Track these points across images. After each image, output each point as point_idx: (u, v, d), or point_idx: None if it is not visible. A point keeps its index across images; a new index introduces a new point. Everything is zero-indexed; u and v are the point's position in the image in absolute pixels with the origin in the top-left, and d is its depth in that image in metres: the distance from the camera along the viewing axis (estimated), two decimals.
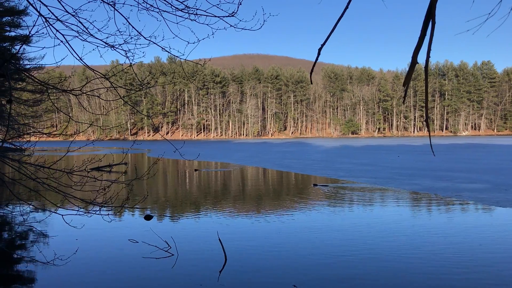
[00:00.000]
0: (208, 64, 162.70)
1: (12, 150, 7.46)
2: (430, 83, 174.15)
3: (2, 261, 10.39)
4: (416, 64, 3.31)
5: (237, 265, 9.59)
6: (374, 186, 22.42)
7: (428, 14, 3.09)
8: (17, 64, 18.33)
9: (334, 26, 3.29)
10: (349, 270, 9.17)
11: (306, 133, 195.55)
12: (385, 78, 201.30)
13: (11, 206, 18.61)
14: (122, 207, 7.24)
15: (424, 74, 3.34)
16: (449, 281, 8.37)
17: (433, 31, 3.10)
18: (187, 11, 6.18)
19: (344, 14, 3.25)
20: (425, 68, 3.25)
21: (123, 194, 13.28)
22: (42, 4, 5.56)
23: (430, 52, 3.15)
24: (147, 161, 49.07)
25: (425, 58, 3.38)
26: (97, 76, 6.57)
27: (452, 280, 8.43)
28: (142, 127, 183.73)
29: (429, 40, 3.13)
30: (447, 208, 16.15)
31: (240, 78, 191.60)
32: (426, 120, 3.47)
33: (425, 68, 3.25)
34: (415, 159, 41.67)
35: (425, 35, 3.16)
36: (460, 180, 23.60)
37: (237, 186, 24.49)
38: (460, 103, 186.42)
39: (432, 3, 3.04)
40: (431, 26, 3.12)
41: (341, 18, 3.24)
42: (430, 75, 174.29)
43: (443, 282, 8.36)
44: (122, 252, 10.85)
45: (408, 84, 3.44)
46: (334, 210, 16.34)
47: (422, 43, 3.19)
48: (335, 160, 42.59)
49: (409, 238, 11.82)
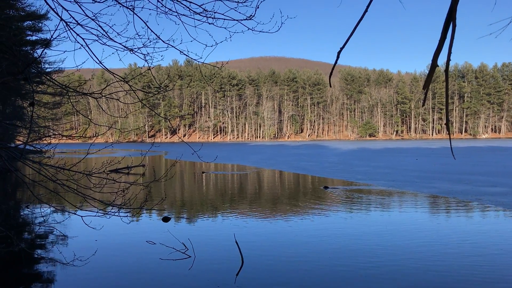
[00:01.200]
0: (225, 67, 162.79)
1: (33, 152, 7.60)
2: (449, 85, 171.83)
3: (23, 261, 10.56)
4: (437, 67, 3.28)
5: (254, 268, 9.58)
6: (391, 189, 22.20)
7: (448, 16, 3.06)
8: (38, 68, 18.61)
9: (353, 29, 3.28)
10: (368, 277, 9.09)
11: (323, 136, 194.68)
12: (403, 80, 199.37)
13: (31, 207, 18.92)
14: (141, 208, 7.30)
15: (445, 77, 3.31)
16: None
17: (453, 34, 3.07)
18: (205, 15, 6.21)
19: (363, 17, 3.23)
20: (446, 71, 3.21)
21: (141, 196, 13.39)
22: (63, 8, 5.65)
23: (450, 55, 3.11)
24: (164, 163, 49.40)
25: (445, 60, 3.34)
26: (117, 80, 6.65)
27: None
28: (160, 129, 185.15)
29: (449, 43, 3.10)
30: (467, 212, 15.90)
31: (257, 81, 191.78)
32: (447, 123, 3.43)
33: (446, 71, 3.22)
34: (433, 162, 41.15)
35: (445, 38, 3.12)
36: (480, 184, 23.22)
37: (253, 188, 24.49)
38: (480, 105, 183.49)
39: (452, 6, 3.01)
40: (452, 29, 3.09)
41: (360, 21, 3.22)
42: (449, 77, 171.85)
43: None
44: (140, 254, 10.94)
45: (428, 87, 3.40)
46: (351, 214, 16.22)
47: (442, 46, 3.15)
48: (352, 162, 42.31)
49: (431, 243, 11.67)
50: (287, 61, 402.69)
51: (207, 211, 17.44)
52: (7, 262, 10.32)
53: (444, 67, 3.35)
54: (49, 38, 6.19)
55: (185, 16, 6.21)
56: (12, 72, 6.21)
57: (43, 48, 19.72)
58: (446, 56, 3.19)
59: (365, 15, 3.32)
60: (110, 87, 7.80)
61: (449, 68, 3.22)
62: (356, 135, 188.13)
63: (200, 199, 21.03)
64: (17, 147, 6.30)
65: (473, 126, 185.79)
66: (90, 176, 6.68)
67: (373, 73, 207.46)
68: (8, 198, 22.18)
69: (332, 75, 3.94)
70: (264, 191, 22.97)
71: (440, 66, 3.45)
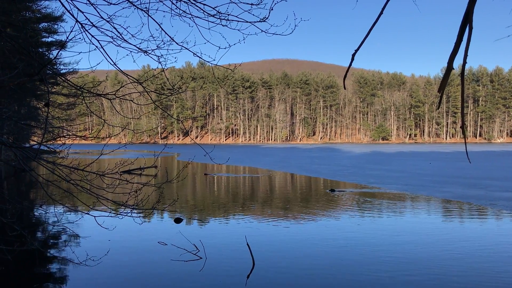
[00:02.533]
0: (237, 69, 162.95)
1: (47, 152, 7.67)
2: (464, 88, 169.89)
3: (37, 260, 10.67)
4: (452, 69, 3.24)
5: (265, 270, 9.57)
6: (405, 192, 22.02)
7: (465, 19, 3.03)
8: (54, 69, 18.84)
9: (368, 31, 3.26)
10: (382, 279, 9.02)
11: (335, 139, 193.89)
12: (417, 83, 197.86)
13: (45, 206, 19.12)
14: (153, 209, 7.33)
15: (460, 80, 3.27)
16: None
17: (470, 36, 3.03)
18: (219, 17, 6.22)
19: (378, 19, 3.21)
20: (461, 74, 3.17)
21: (153, 197, 13.47)
22: (79, 10, 5.71)
23: (466, 58, 3.08)
24: (176, 164, 49.61)
25: (460, 63, 3.30)
26: (130, 81, 6.69)
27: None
28: (172, 131, 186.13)
29: (465, 45, 3.06)
30: (481, 217, 15.70)
31: (269, 83, 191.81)
32: (462, 127, 3.39)
33: (461, 74, 3.18)
34: (447, 166, 40.74)
35: (461, 40, 3.09)
36: (494, 188, 22.92)
37: (265, 190, 24.46)
38: (495, 109, 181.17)
39: (469, 8, 2.98)
40: (468, 31, 3.05)
41: (376, 24, 3.20)
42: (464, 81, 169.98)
43: None
44: (152, 254, 10.99)
45: (443, 90, 3.37)
46: (362, 218, 16.11)
47: (458, 49, 3.12)
48: (365, 166, 42.07)
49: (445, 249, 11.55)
50: (299, 63, 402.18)
51: (218, 213, 17.46)
52: (21, 261, 10.43)
53: (459, 70, 3.32)
54: (64, 40, 6.27)
55: (199, 18, 6.23)
56: (28, 73, 6.29)
57: (59, 49, 19.92)
58: (461, 59, 3.15)
59: (379, 17, 3.30)
60: (123, 89, 7.86)
61: (465, 71, 3.18)
62: (369, 139, 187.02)
63: (211, 200, 21.07)
64: (32, 147, 6.37)
65: (488, 130, 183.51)
66: (103, 176, 6.73)
67: (386, 76, 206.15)
68: (22, 197, 22.44)
69: (346, 77, 3.92)
70: (275, 194, 22.93)
71: (455, 69, 3.41)
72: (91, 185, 6.55)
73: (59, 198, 17.07)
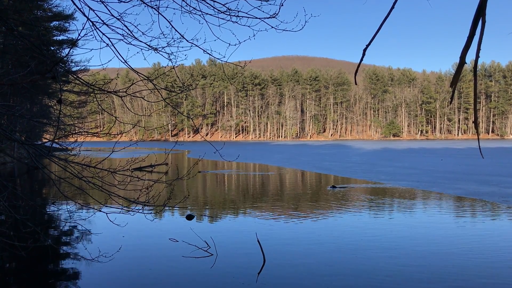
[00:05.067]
0: (247, 66, 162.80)
1: (59, 149, 7.74)
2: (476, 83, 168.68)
3: (50, 257, 10.78)
4: (464, 64, 3.20)
5: (276, 266, 9.57)
6: (416, 189, 21.87)
7: (478, 12, 2.99)
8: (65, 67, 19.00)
9: (379, 26, 3.23)
10: (392, 277, 8.98)
11: (345, 136, 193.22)
12: (428, 79, 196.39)
13: (57, 203, 19.30)
14: (164, 206, 7.37)
15: (473, 75, 3.23)
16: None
17: (483, 30, 2.99)
18: (229, 13, 6.23)
19: (389, 14, 3.18)
20: (474, 69, 3.14)
21: (164, 193, 13.53)
22: (90, 8, 5.74)
23: (479, 52, 3.04)
24: (187, 161, 49.77)
25: (472, 58, 3.26)
26: (141, 78, 6.72)
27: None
28: (183, 128, 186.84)
29: (478, 39, 3.02)
30: (493, 214, 15.55)
31: (279, 80, 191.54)
32: (475, 122, 3.35)
33: (474, 68, 3.14)
34: (459, 162, 40.39)
35: (474, 34, 3.05)
36: (507, 185, 22.68)
37: (275, 187, 24.46)
38: (508, 105, 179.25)
39: (482, 2, 2.94)
40: (481, 25, 3.01)
41: (387, 18, 3.18)
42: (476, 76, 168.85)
43: None
44: (163, 251, 11.05)
45: (455, 84, 3.33)
46: (376, 213, 16.04)
47: (471, 43, 3.08)
48: (376, 163, 41.86)
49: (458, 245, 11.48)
50: (310, 60, 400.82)
51: (229, 210, 17.49)
52: (35, 257, 10.55)
53: (471, 65, 3.28)
54: (75, 38, 6.30)
55: (209, 15, 6.24)
56: (40, 71, 6.34)
57: (70, 47, 20.09)
58: (474, 53, 3.11)
59: (391, 12, 3.27)
60: (134, 86, 7.90)
61: (477, 65, 3.14)
62: (380, 135, 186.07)
63: (221, 197, 21.11)
64: (44, 145, 6.43)
65: (500, 126, 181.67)
66: (115, 173, 6.77)
67: (397, 72, 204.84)
68: (35, 194, 22.69)
69: (357, 73, 3.90)
70: (285, 190, 22.91)
71: (467, 64, 3.37)
72: (103, 182, 6.59)
73: (71, 195, 17.19)
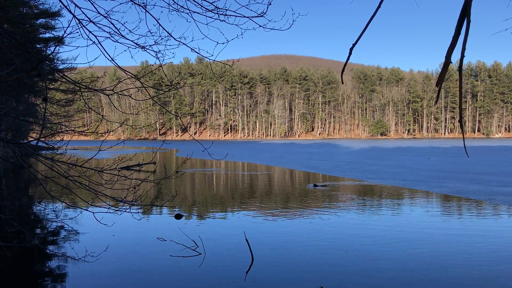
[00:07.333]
0: (236, 64, 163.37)
1: (46, 148, 7.66)
2: (462, 83, 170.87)
3: (36, 257, 10.67)
4: (450, 63, 3.24)
5: (264, 265, 9.59)
6: (403, 187, 22.05)
7: (463, 12, 3.02)
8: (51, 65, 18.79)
9: (366, 25, 3.25)
10: (381, 273, 9.04)
11: (334, 134, 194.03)
12: (415, 78, 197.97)
13: (44, 203, 19.11)
14: (151, 205, 7.33)
15: (458, 74, 3.27)
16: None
17: (467, 30, 3.02)
18: (217, 12, 6.22)
19: (375, 14, 3.20)
20: (459, 68, 3.17)
21: (152, 193, 13.49)
22: (76, 6, 5.68)
23: (464, 51, 3.07)
24: (175, 160, 49.59)
25: (458, 58, 3.30)
26: (128, 77, 6.68)
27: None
28: (171, 127, 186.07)
29: (463, 39, 3.06)
30: (479, 212, 15.74)
31: (268, 79, 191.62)
32: (460, 120, 3.39)
33: (459, 68, 3.18)
34: (445, 161, 40.81)
35: (459, 34, 3.08)
36: (493, 183, 22.97)
37: (264, 186, 24.48)
38: (493, 104, 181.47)
39: (467, 2, 2.97)
40: (466, 24, 3.04)
41: (373, 18, 3.20)
42: (462, 76, 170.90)
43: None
44: (151, 250, 11.00)
45: (441, 84, 3.37)
46: (364, 211, 16.14)
47: (456, 42, 3.11)
48: (364, 161, 42.11)
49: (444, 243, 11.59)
50: (298, 59, 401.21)
51: (217, 209, 17.47)
52: (20, 258, 10.44)
53: (457, 64, 3.31)
54: (62, 35, 6.24)
55: (197, 13, 6.23)
56: (25, 68, 6.27)
57: (56, 45, 19.87)
58: (459, 53, 3.15)
59: (377, 11, 3.29)
60: (121, 84, 7.84)
61: (462, 64, 3.18)
62: (368, 134, 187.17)
63: (210, 196, 21.07)
64: (29, 143, 6.36)
65: (486, 125, 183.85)
66: (102, 172, 6.73)
67: (385, 71, 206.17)
68: (21, 194, 22.43)
69: (344, 72, 3.91)
70: (274, 189, 22.95)
71: (453, 64, 3.41)
72: (90, 181, 6.54)
73: (58, 194, 17.06)
